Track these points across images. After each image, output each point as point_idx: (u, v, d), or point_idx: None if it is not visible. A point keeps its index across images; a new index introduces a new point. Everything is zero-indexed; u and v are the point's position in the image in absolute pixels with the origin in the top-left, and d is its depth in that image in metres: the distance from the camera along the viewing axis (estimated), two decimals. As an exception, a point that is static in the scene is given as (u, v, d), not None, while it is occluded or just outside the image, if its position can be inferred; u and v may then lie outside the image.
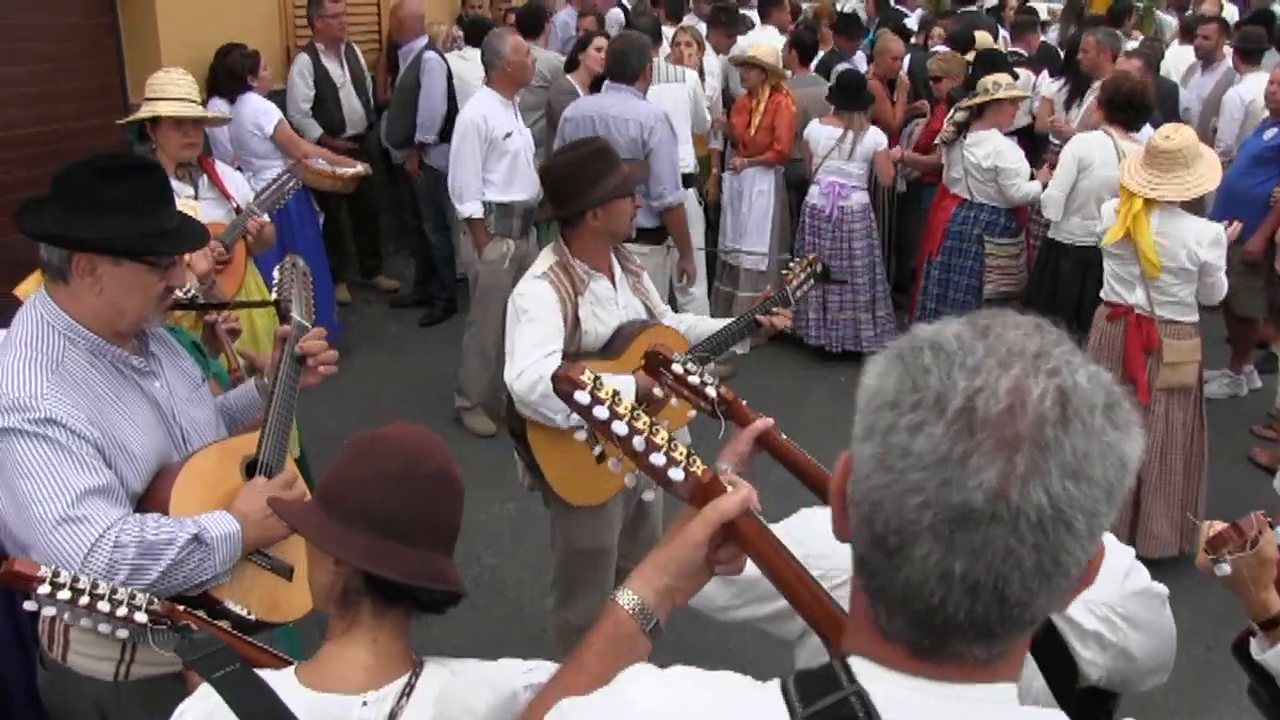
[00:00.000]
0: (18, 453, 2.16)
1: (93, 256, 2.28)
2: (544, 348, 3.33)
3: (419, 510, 1.73)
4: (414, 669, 1.76)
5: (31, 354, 2.25)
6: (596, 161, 3.46)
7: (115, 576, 2.11)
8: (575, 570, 3.84)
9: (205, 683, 1.72)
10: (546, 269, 3.47)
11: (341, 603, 1.75)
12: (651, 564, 1.51)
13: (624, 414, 1.50)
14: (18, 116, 6.32)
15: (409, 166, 7.77)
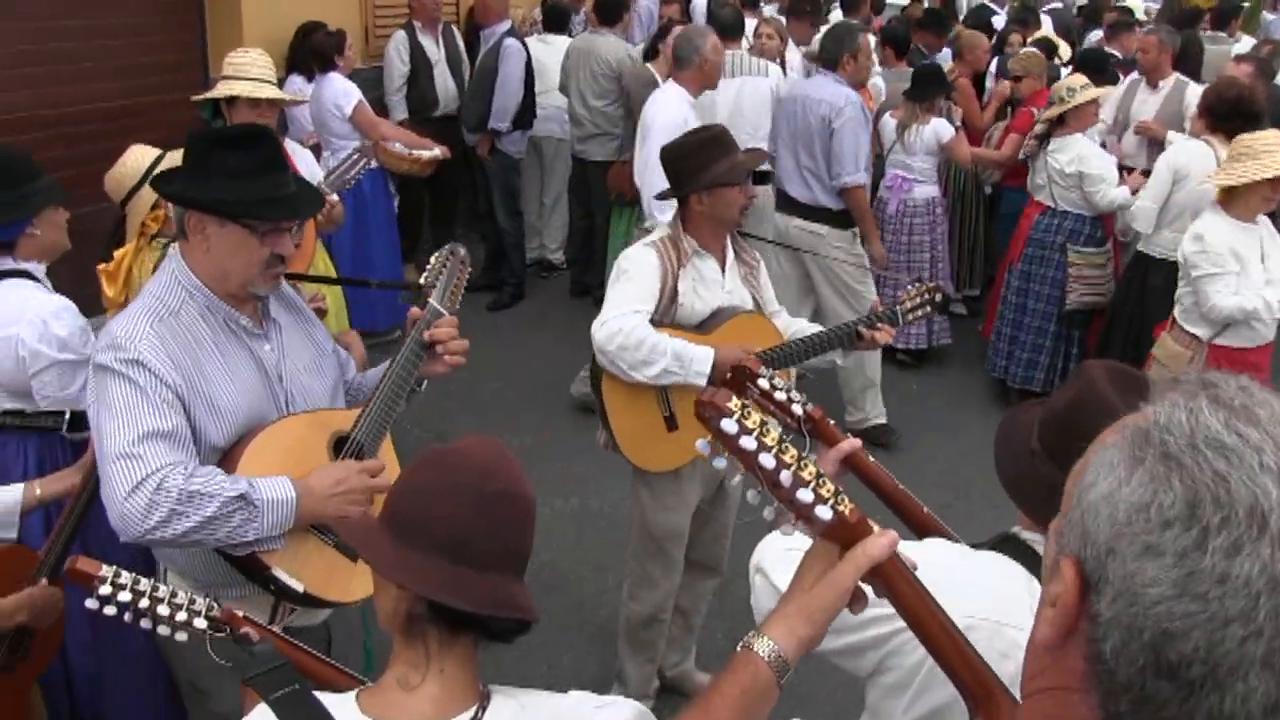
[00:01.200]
0: (106, 388, 2.29)
1: (202, 216, 2.40)
2: (633, 304, 3.41)
3: (487, 532, 1.62)
4: (481, 701, 1.67)
5: (152, 303, 2.41)
6: (709, 147, 3.51)
7: (151, 518, 2.18)
8: (646, 556, 3.83)
9: (263, 703, 1.65)
10: (656, 239, 3.55)
11: (406, 629, 1.65)
12: (795, 610, 1.42)
13: (772, 445, 1.40)
14: (103, 89, 6.40)
15: (480, 151, 7.73)
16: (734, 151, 3.56)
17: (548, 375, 6.82)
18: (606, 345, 3.37)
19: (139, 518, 2.18)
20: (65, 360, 3.21)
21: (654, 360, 3.36)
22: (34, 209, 3.24)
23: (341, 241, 6.55)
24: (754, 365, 2.38)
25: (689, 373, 3.38)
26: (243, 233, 2.40)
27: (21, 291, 3.23)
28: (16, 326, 3.15)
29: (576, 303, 7.79)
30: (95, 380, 2.33)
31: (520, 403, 6.51)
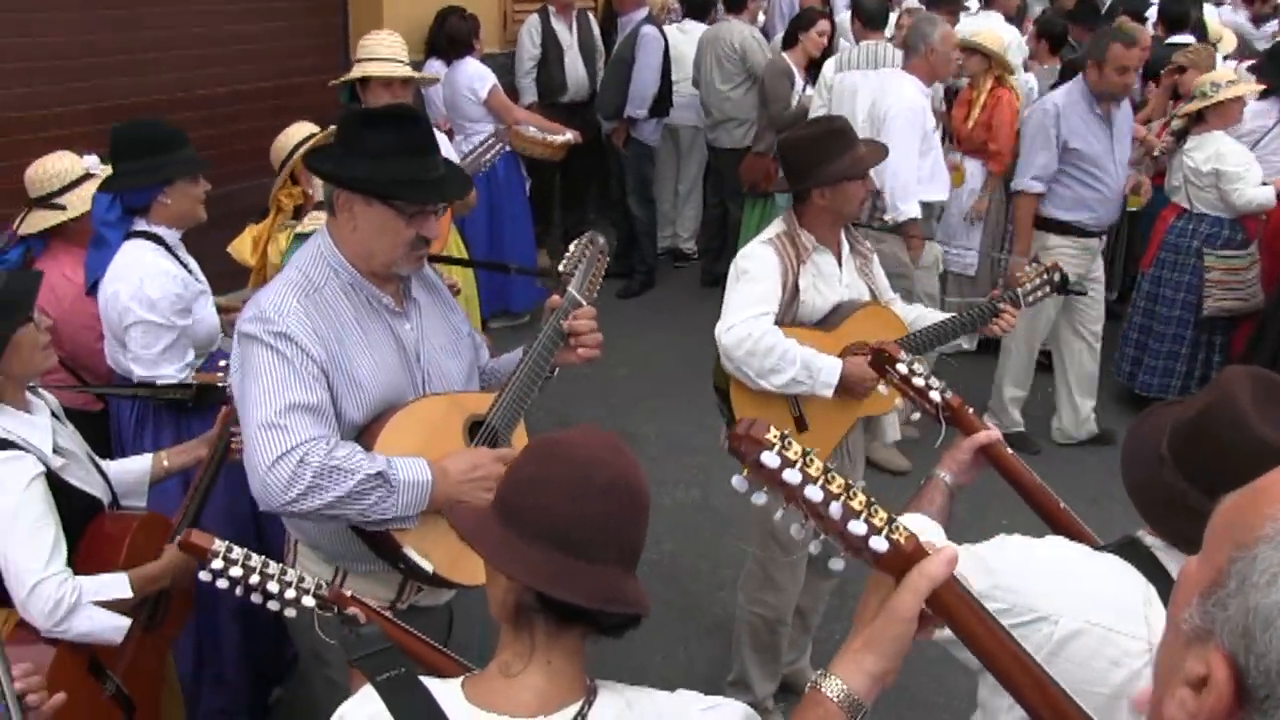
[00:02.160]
0: (253, 357, 2.33)
1: (350, 194, 2.41)
2: (758, 307, 3.34)
3: (598, 524, 1.57)
4: (587, 696, 1.62)
5: (298, 277, 2.44)
6: (831, 141, 3.43)
7: (292, 489, 2.20)
8: (770, 560, 3.75)
9: (369, 684, 1.63)
10: (773, 236, 3.47)
11: (515, 619, 1.62)
12: (862, 646, 1.36)
13: (818, 477, 1.32)
14: (248, 71, 6.59)
15: (615, 140, 7.71)
16: (856, 144, 3.48)
17: (675, 365, 6.77)
18: (734, 351, 3.31)
19: (280, 489, 2.21)
20: (150, 321, 3.33)
21: (782, 368, 3.29)
22: (165, 178, 3.39)
23: (476, 225, 6.61)
24: (894, 350, 2.31)
25: (816, 383, 3.32)
26: (389, 213, 2.40)
27: (138, 252, 3.39)
28: (120, 283, 3.32)
29: (707, 293, 7.71)
30: (242, 349, 2.36)
31: (647, 391, 6.47)
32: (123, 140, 3.43)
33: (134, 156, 3.38)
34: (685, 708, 1.66)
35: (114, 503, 2.87)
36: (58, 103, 5.62)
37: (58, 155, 3.79)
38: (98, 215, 3.41)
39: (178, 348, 3.41)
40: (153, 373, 3.36)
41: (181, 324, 3.40)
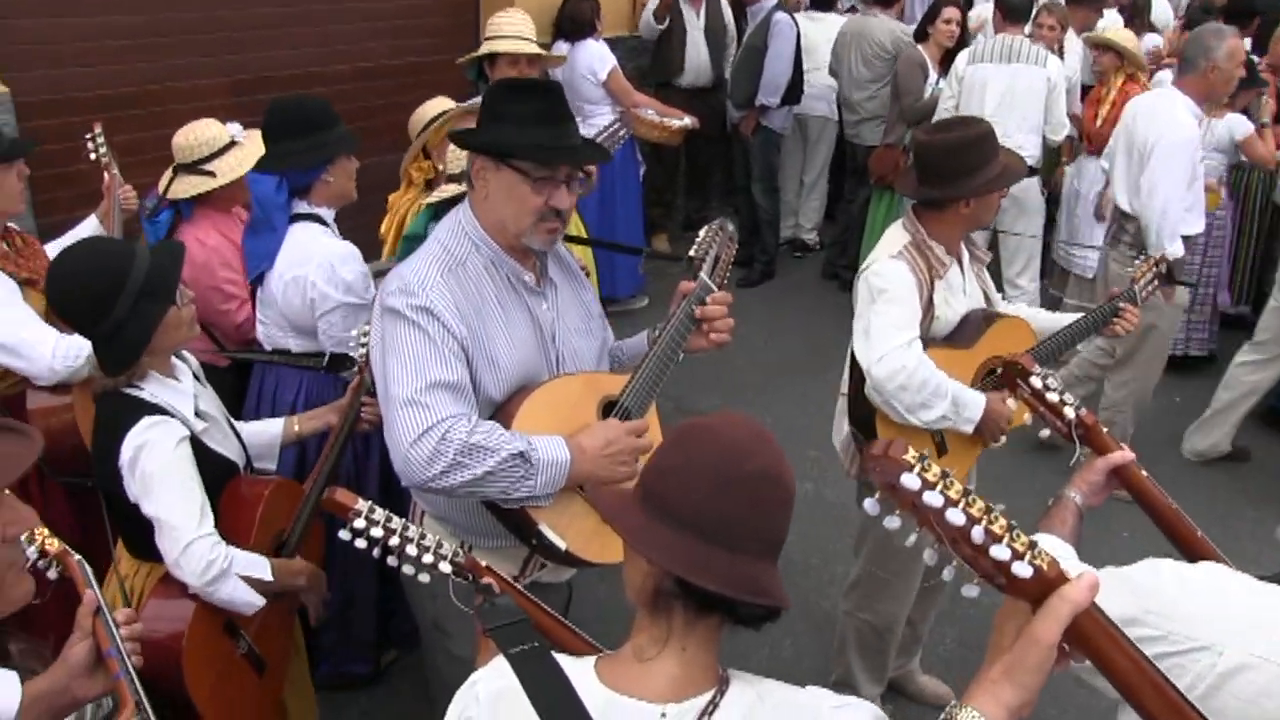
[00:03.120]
0: (395, 331, 2.34)
1: (483, 160, 2.42)
2: (905, 333, 3.15)
3: (742, 513, 1.54)
4: (720, 686, 1.60)
5: (439, 251, 2.45)
6: (981, 147, 3.23)
7: (433, 466, 2.21)
8: (888, 569, 3.66)
9: (502, 656, 1.62)
10: (902, 248, 3.25)
11: (652, 604, 1.60)
12: (1001, 675, 1.32)
13: (958, 499, 1.28)
14: (380, 48, 6.68)
15: (745, 129, 7.64)
16: (999, 150, 3.29)
17: (792, 356, 6.72)
18: (886, 384, 3.11)
19: (422, 465, 2.22)
20: (349, 303, 3.35)
21: (932, 404, 3.13)
22: (329, 157, 3.38)
23: (587, 208, 6.62)
24: (1027, 363, 2.21)
25: (960, 419, 3.18)
26: (515, 177, 2.40)
27: (313, 235, 3.39)
28: (307, 269, 3.32)
29: (827, 285, 7.64)
30: (383, 322, 2.38)
31: (763, 382, 6.43)
32: (281, 119, 3.38)
33: (296, 135, 3.34)
34: (816, 704, 1.62)
35: (248, 465, 2.93)
36: (192, 76, 5.79)
37: (205, 123, 3.87)
38: (267, 198, 3.39)
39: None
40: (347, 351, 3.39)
41: (370, 300, 3.39)
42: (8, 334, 3.10)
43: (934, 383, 3.11)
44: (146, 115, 5.58)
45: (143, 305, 2.54)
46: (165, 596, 2.67)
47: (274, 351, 3.45)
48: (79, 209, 4.46)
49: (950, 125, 3.40)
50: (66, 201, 5.18)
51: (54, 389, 3.24)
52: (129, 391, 2.61)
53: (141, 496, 2.56)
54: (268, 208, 3.42)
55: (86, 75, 5.44)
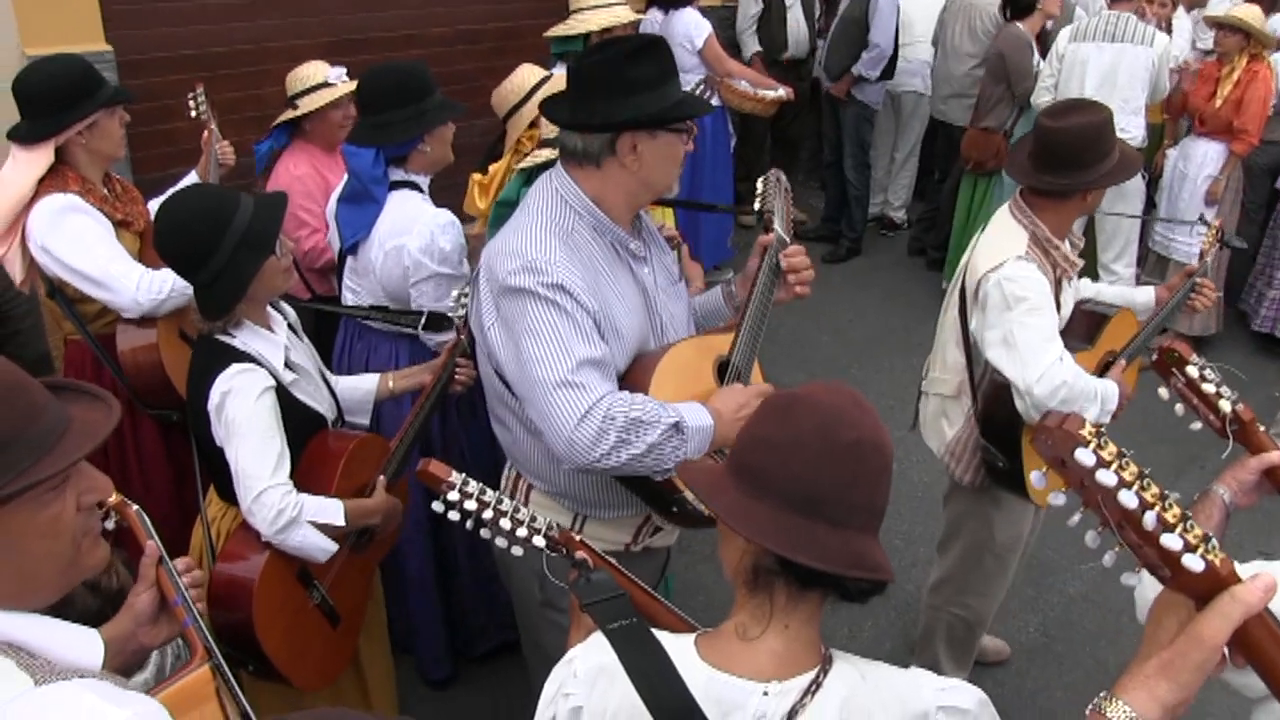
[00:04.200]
0: (530, 313, 2.26)
1: (635, 134, 2.35)
2: (1055, 344, 3.01)
3: (843, 486, 1.49)
4: (823, 664, 1.55)
5: (547, 223, 2.37)
6: (1107, 134, 3.09)
7: (600, 446, 2.17)
8: (983, 564, 3.58)
9: (600, 633, 1.60)
10: (1026, 248, 3.08)
11: (752, 582, 1.55)
12: (1158, 671, 1.24)
13: (1133, 481, 1.20)
14: (470, 12, 6.67)
15: (838, 91, 7.46)
16: (1117, 140, 3.14)
17: (877, 334, 6.63)
18: (1048, 401, 2.95)
19: (588, 446, 2.18)
20: (443, 274, 3.33)
21: (1088, 409, 3.00)
22: (428, 125, 3.35)
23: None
24: (1185, 351, 2.12)
25: (1104, 413, 3.07)
26: (673, 138, 2.38)
27: (412, 203, 3.37)
28: (406, 237, 3.30)
29: (913, 263, 7.50)
30: (513, 304, 2.29)
31: (847, 360, 6.34)
32: (379, 88, 3.35)
33: (395, 105, 3.31)
34: (919, 685, 1.58)
35: (339, 418, 2.95)
36: (290, 36, 5.83)
37: (309, 63, 4.04)
38: (364, 172, 3.36)
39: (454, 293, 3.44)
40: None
41: (465, 271, 3.40)
42: (97, 268, 3.24)
43: (1090, 389, 3.01)
44: (243, 75, 5.64)
45: (241, 254, 2.55)
46: (241, 543, 2.70)
47: (372, 307, 3.45)
48: (175, 165, 4.53)
49: (1073, 109, 3.16)
50: (163, 159, 5.27)
51: (140, 325, 3.36)
52: (221, 338, 2.63)
53: (225, 442, 2.60)
54: (365, 180, 3.37)
55: (186, 35, 5.51)
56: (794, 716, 1.50)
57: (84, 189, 3.32)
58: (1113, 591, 4.48)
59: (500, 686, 3.88)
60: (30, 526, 1.43)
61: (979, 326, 3.14)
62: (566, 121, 2.41)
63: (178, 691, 1.75)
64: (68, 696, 1.29)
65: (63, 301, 3.39)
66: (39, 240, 3.25)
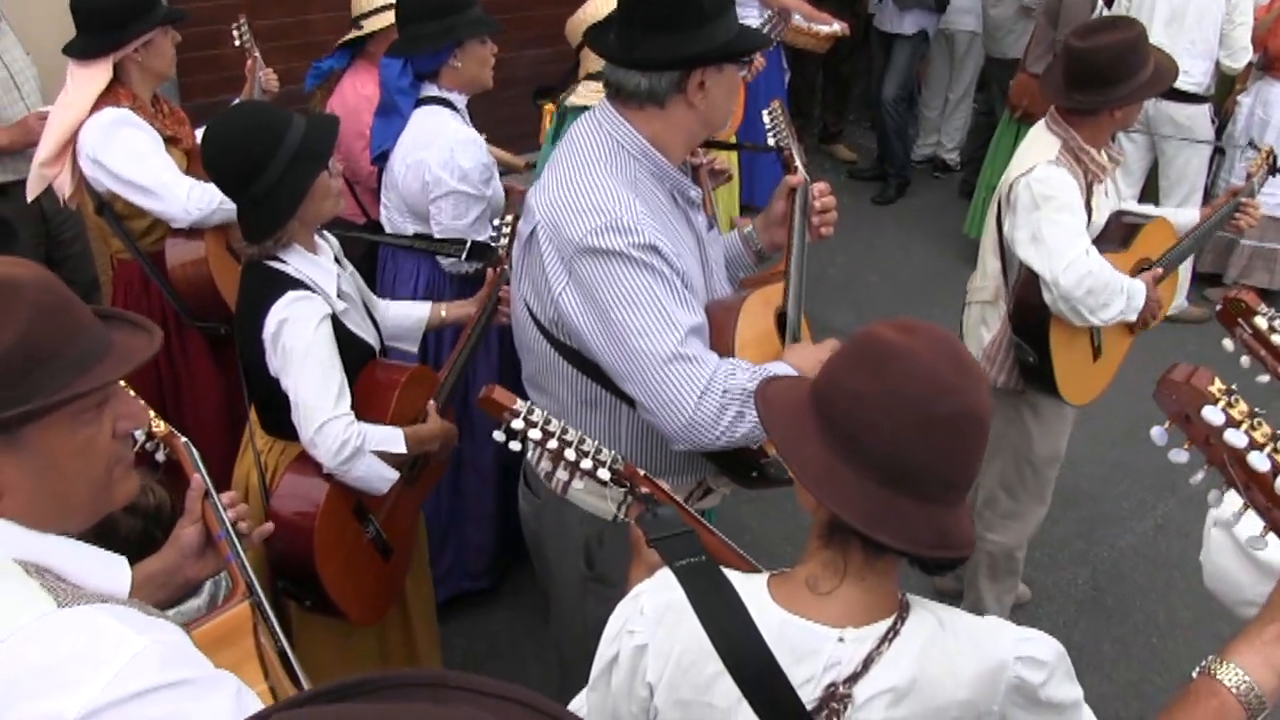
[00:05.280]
0: (622, 279, 2.07)
1: (705, 70, 2.16)
2: (1082, 239, 3.10)
3: (938, 459, 1.39)
4: (900, 611, 1.49)
5: (614, 172, 2.17)
6: (1135, 52, 3.11)
7: (721, 421, 2.06)
8: (1023, 479, 3.59)
9: (667, 569, 1.54)
10: (1058, 154, 3.17)
11: (827, 535, 1.48)
12: (1277, 637, 1.18)
13: (1264, 443, 1.15)
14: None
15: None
16: (1151, 55, 3.14)
17: (927, 275, 6.52)
18: (1074, 290, 3.07)
19: (710, 423, 2.05)
20: (462, 191, 3.30)
21: (1111, 302, 3.12)
22: (457, 38, 3.30)
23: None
24: (1252, 300, 2.01)
25: (1130, 309, 3.17)
26: (734, 71, 2.24)
27: (438, 119, 3.33)
28: (427, 152, 3.28)
29: (964, 205, 7.29)
30: (598, 267, 2.09)
31: (897, 301, 6.23)
32: (412, 1, 3.34)
33: (425, 18, 3.28)
34: (998, 634, 1.52)
35: (382, 349, 2.90)
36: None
37: None
38: (390, 82, 3.36)
39: (484, 218, 3.39)
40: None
41: (488, 194, 3.36)
42: (149, 177, 3.27)
43: (1115, 281, 3.11)
44: (289, 1, 5.56)
45: (297, 165, 2.48)
46: (298, 475, 2.66)
47: (415, 235, 3.41)
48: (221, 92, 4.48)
49: (1102, 28, 3.22)
50: (209, 85, 5.23)
51: (189, 239, 3.39)
52: (273, 265, 2.57)
53: (281, 372, 2.54)
54: (392, 91, 3.37)
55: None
56: (870, 664, 1.44)
57: (136, 105, 3.34)
58: (1165, 547, 4.41)
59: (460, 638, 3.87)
60: (67, 444, 1.40)
61: (1010, 228, 3.23)
62: (629, 59, 2.17)
63: (215, 627, 1.73)
64: (88, 619, 1.27)
65: (111, 218, 3.41)
66: (90, 153, 3.27)
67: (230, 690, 1.32)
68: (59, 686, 1.21)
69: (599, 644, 1.60)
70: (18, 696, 1.20)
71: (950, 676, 1.45)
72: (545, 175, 2.26)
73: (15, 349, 1.32)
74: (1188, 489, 4.65)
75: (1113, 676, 3.76)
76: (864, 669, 1.44)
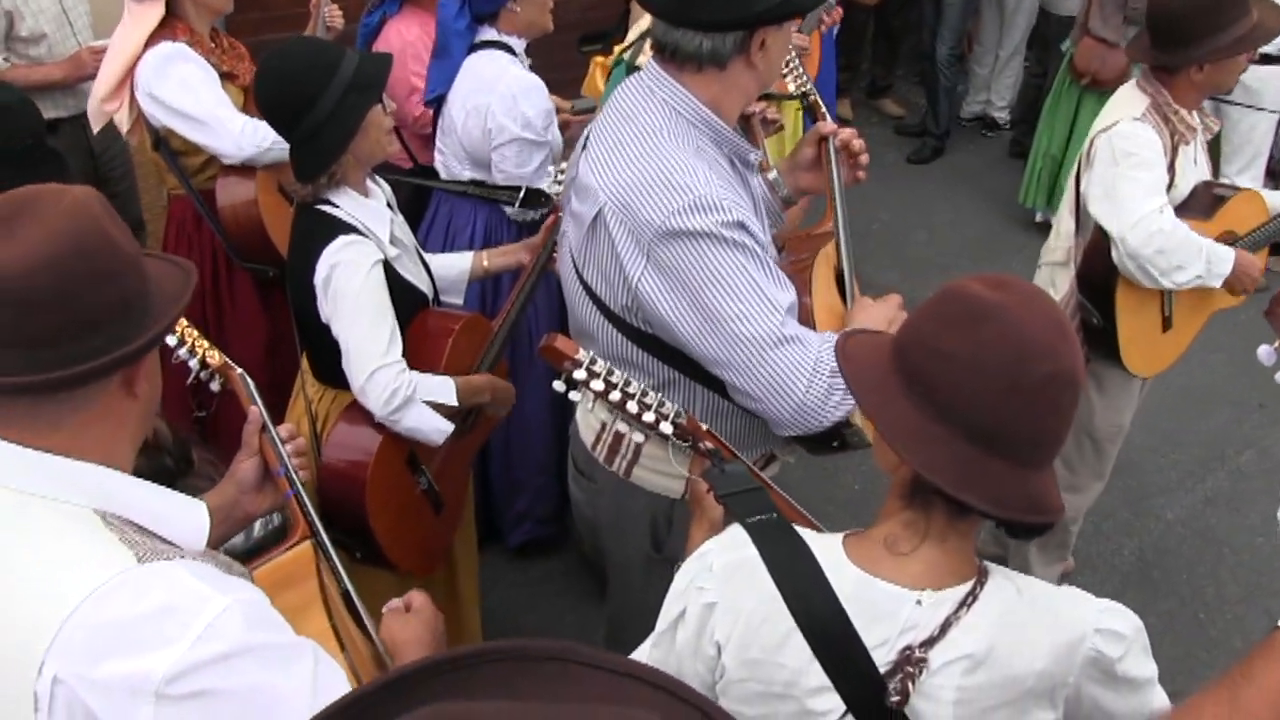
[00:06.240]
0: (713, 261, 1.94)
1: (768, 28, 2.02)
2: (1156, 198, 2.99)
3: (1030, 422, 1.34)
4: (979, 577, 1.45)
5: (681, 142, 2.03)
6: (1222, 7, 2.92)
7: (829, 401, 1.96)
8: (1081, 452, 3.53)
9: (738, 526, 1.50)
10: (1145, 110, 3.05)
11: (908, 496, 1.44)
12: None
13: None
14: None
15: None
16: (1251, 9, 2.96)
17: (973, 235, 6.42)
18: (1142, 249, 2.98)
19: (819, 405, 1.96)
20: (526, 139, 3.24)
21: (1188, 264, 3.00)
22: None
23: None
24: None
25: (1212, 275, 3.03)
26: (791, 26, 2.16)
27: (498, 64, 3.27)
28: (489, 97, 3.22)
29: (1014, 164, 7.16)
30: (684, 250, 1.95)
31: (943, 259, 6.13)
32: None
33: None
34: (1079, 604, 1.48)
35: (435, 298, 2.87)
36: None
37: None
38: (446, 24, 3.31)
39: (546, 165, 3.34)
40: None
41: (549, 140, 3.32)
42: (203, 110, 3.25)
43: (1193, 243, 3.00)
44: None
45: (350, 98, 2.44)
46: (352, 424, 2.63)
47: (470, 182, 3.37)
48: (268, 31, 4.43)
49: None
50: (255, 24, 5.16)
51: (241, 179, 3.36)
52: (325, 209, 2.52)
53: (332, 319, 2.50)
54: (446, 33, 3.32)
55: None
56: (947, 629, 1.40)
57: (192, 39, 3.31)
58: (1215, 520, 4.33)
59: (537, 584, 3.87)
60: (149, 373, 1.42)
61: (1087, 184, 3.14)
62: (688, 18, 2.00)
63: (277, 567, 1.72)
64: (170, 576, 1.26)
65: (167, 153, 3.39)
66: (146, 87, 3.24)
67: (309, 661, 1.31)
68: (144, 646, 1.20)
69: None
70: (104, 653, 1.19)
71: (1028, 646, 1.42)
72: (600, 151, 2.10)
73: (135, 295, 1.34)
74: (1238, 462, 4.61)
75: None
76: (941, 633, 1.40)
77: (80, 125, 3.94)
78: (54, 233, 1.27)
